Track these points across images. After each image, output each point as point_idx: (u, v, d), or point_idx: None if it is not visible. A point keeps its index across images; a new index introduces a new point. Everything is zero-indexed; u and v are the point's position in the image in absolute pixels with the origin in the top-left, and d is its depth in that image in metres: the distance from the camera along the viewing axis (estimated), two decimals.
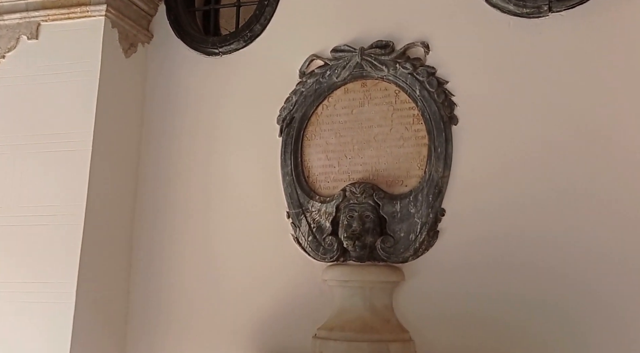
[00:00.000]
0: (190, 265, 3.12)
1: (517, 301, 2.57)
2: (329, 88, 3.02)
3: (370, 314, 2.65)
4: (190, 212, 3.18)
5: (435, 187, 2.74)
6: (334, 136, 2.99)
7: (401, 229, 2.74)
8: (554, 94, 2.68)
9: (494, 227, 2.66)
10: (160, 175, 3.28)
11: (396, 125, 2.89)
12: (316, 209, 2.91)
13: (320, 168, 2.99)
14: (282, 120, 3.07)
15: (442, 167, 2.75)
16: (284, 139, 3.05)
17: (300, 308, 2.86)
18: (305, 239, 2.90)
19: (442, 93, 2.81)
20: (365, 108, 2.96)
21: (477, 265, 2.65)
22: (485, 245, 2.66)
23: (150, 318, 3.11)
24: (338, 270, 2.75)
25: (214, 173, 3.18)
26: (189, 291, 3.09)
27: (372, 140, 2.91)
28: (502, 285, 2.61)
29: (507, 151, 2.70)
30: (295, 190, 2.97)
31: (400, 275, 2.72)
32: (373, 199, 2.78)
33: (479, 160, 2.74)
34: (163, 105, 3.36)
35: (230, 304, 2.99)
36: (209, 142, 3.23)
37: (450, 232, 2.72)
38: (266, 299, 2.93)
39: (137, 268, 3.19)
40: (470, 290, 2.64)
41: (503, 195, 2.67)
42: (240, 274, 3.01)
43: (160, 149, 3.31)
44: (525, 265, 2.59)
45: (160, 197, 3.25)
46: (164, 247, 3.19)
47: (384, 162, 2.87)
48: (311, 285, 2.86)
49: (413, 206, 2.75)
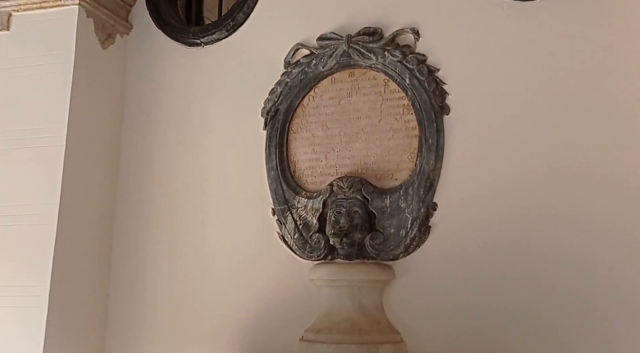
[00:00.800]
0: (174, 266, 2.99)
1: (514, 299, 2.44)
2: (315, 78, 2.90)
3: (359, 315, 2.53)
4: (173, 211, 3.06)
5: (427, 180, 2.60)
6: (320, 128, 2.86)
7: (391, 225, 2.61)
8: (551, 80, 2.54)
9: (488, 221, 2.52)
10: (141, 172, 3.16)
11: (385, 116, 2.76)
12: (302, 205, 2.78)
13: (306, 162, 2.86)
14: (267, 113, 2.94)
15: (433, 159, 2.61)
16: (269, 132, 2.92)
17: (286, 310, 2.73)
18: (291, 237, 2.77)
19: (433, 81, 2.67)
20: (353, 98, 2.83)
21: (471, 261, 2.52)
22: (480, 241, 2.52)
23: (131, 323, 2.99)
24: (325, 269, 2.62)
25: (196, 169, 3.07)
26: (172, 293, 2.97)
27: (360, 132, 2.78)
28: (498, 283, 2.47)
29: (502, 141, 2.57)
30: (281, 185, 2.84)
31: (391, 273, 2.59)
32: (361, 194, 2.65)
33: (472, 151, 2.60)
34: (143, 99, 3.24)
35: (214, 306, 2.87)
36: (191, 136, 3.11)
37: (443, 227, 2.58)
38: (251, 300, 2.80)
39: (118, 271, 3.07)
40: (464, 288, 2.50)
41: (498, 188, 2.53)
42: (224, 274, 2.89)
43: (141, 144, 3.19)
44: (522, 260, 2.45)
45: (141, 195, 3.13)
46: (146, 247, 3.06)
47: (373, 155, 2.74)
48: (298, 285, 2.74)
49: (403, 200, 2.62)
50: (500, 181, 2.54)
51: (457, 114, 2.64)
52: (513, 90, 2.58)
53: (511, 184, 2.52)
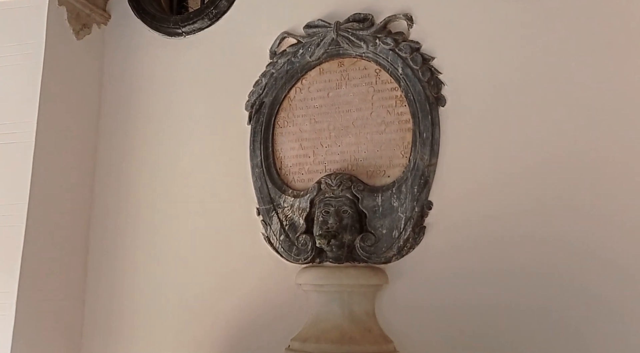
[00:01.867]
0: (153, 270, 2.82)
1: (514, 305, 2.25)
2: (302, 69, 2.71)
3: (349, 323, 2.34)
4: (152, 211, 2.89)
5: (421, 177, 2.41)
6: (308, 122, 2.68)
7: (383, 225, 2.43)
8: (555, 67, 2.34)
9: (488, 220, 2.33)
10: (119, 170, 2.99)
11: (377, 108, 2.57)
12: (289, 205, 2.59)
13: (293, 158, 2.68)
14: (251, 106, 2.76)
15: (428, 154, 2.43)
16: (253, 126, 2.75)
17: (272, 316, 2.55)
18: (276, 238, 2.59)
19: (428, 71, 2.49)
20: (342, 90, 2.65)
21: (470, 263, 2.33)
22: (479, 241, 2.33)
23: (109, 331, 2.82)
24: (313, 272, 2.44)
25: (177, 167, 2.90)
26: (151, 299, 2.79)
27: (350, 126, 2.60)
28: (497, 287, 2.28)
29: (502, 134, 2.37)
30: (266, 183, 2.66)
31: (383, 277, 2.41)
32: (351, 192, 2.47)
33: (470, 145, 2.41)
34: (122, 92, 3.07)
35: (195, 312, 2.69)
36: (172, 132, 2.94)
37: (439, 227, 2.39)
38: (234, 306, 2.62)
39: (94, 276, 2.90)
40: (462, 292, 2.31)
41: (497, 185, 2.34)
42: (206, 278, 2.71)
43: (119, 141, 3.02)
44: (525, 261, 2.26)
45: (119, 194, 2.96)
46: (124, 250, 2.89)
47: (364, 150, 2.56)
48: (284, 289, 2.56)
49: (396, 199, 2.43)
50: (500, 177, 2.35)
51: (454, 105, 2.45)
52: (513, 80, 2.39)
53: (512, 180, 2.33)
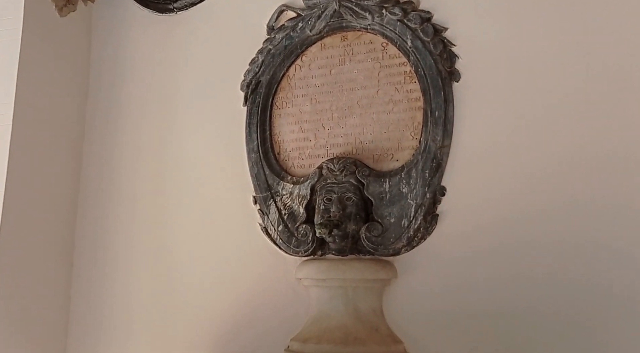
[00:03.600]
0: (143, 264, 2.62)
1: (540, 302, 2.01)
2: (302, 44, 2.49)
3: (354, 321, 2.13)
4: (142, 201, 2.69)
5: (433, 160, 2.18)
6: (309, 103, 2.45)
7: (391, 214, 2.20)
8: (580, 39, 2.09)
9: (508, 209, 2.09)
10: (107, 157, 2.79)
11: (384, 85, 2.34)
12: (288, 192, 2.38)
13: (293, 142, 2.46)
14: (247, 86, 2.54)
15: (440, 135, 2.19)
16: (249, 108, 2.53)
17: (270, 314, 2.34)
18: (275, 229, 2.37)
19: (440, 43, 2.25)
20: (346, 67, 2.42)
21: (487, 257, 2.09)
22: (498, 233, 2.09)
23: (96, 329, 2.62)
24: (314, 266, 2.22)
25: (168, 152, 2.69)
26: (142, 295, 2.59)
27: (355, 105, 2.37)
28: (520, 283, 2.04)
29: (522, 112, 2.13)
30: (263, 169, 2.44)
31: (391, 271, 2.19)
32: (356, 177, 2.24)
33: (487, 125, 2.17)
34: (110, 73, 2.86)
35: (188, 309, 2.48)
36: (163, 115, 2.73)
37: (453, 215, 2.16)
38: (229, 303, 2.41)
39: (81, 270, 2.70)
40: (479, 288, 2.08)
41: (518, 169, 2.10)
42: (199, 273, 2.50)
43: (107, 125, 2.82)
44: (548, 256, 2.02)
45: (107, 183, 2.76)
46: (113, 243, 2.69)
47: (370, 132, 2.33)
48: (282, 285, 2.34)
49: (406, 185, 2.20)
50: (521, 161, 2.10)
51: (469, 80, 2.21)
52: (535, 52, 2.14)
53: (535, 165, 2.08)
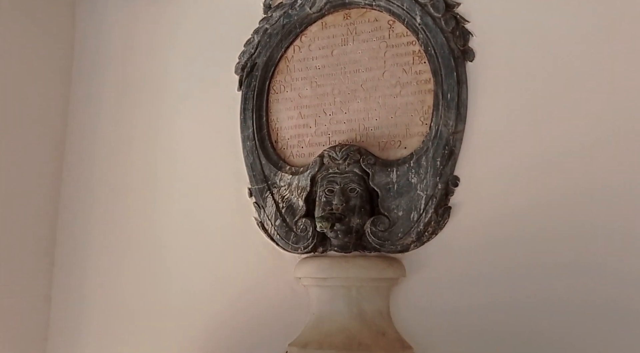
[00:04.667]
0: (130, 262, 2.45)
1: (561, 301, 1.81)
2: (301, 23, 2.30)
3: (358, 324, 1.94)
4: (130, 194, 2.51)
5: (445, 147, 1.99)
6: (309, 86, 2.26)
7: (399, 206, 2.00)
8: (603, 12, 1.89)
9: (526, 200, 1.90)
10: (91, 146, 2.62)
11: (391, 67, 2.15)
12: (286, 183, 2.18)
13: (291, 129, 2.27)
14: (242, 69, 2.36)
15: (453, 120, 2.00)
16: (244, 92, 2.34)
17: (266, 317, 2.15)
18: (272, 224, 2.18)
19: (452, 19, 2.05)
20: (349, 47, 2.22)
21: (504, 252, 1.90)
22: (515, 225, 1.90)
23: (78, 332, 2.45)
24: (314, 264, 2.03)
25: (157, 141, 2.52)
26: (128, 295, 2.42)
27: (359, 89, 2.18)
28: (540, 279, 1.84)
29: (542, 94, 1.93)
30: (259, 159, 2.25)
31: (399, 269, 1.99)
32: (360, 167, 2.05)
33: (504, 107, 1.97)
34: (96, 56, 2.69)
35: (177, 311, 2.30)
36: (152, 101, 2.56)
37: (467, 207, 1.97)
38: (222, 304, 2.22)
39: (62, 268, 2.53)
40: (495, 288, 1.89)
41: (538, 157, 1.90)
42: (190, 271, 2.32)
43: (92, 111, 2.65)
44: (572, 249, 1.82)
45: (92, 175, 2.59)
46: (98, 239, 2.52)
47: (375, 118, 2.14)
48: (280, 284, 2.16)
49: (415, 174, 2.01)
50: (542, 147, 1.90)
51: (484, 60, 2.02)
52: (558, 27, 1.94)
53: (557, 151, 1.88)
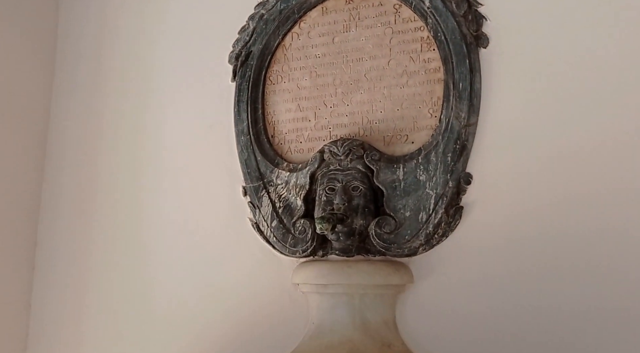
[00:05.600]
0: (116, 266, 2.27)
1: (584, 310, 1.65)
2: (299, 8, 2.14)
3: (361, 335, 1.77)
4: (115, 192, 2.35)
5: (457, 141, 1.82)
6: (308, 76, 2.10)
7: (406, 206, 1.84)
8: None
9: (545, 197, 1.73)
10: (75, 142, 2.45)
11: (397, 55, 1.98)
12: (283, 181, 2.02)
13: (289, 123, 2.11)
14: (236, 58, 2.20)
15: (465, 112, 1.83)
16: (239, 83, 2.18)
17: (262, 327, 1.98)
18: (267, 225, 2.01)
19: (464, 1, 1.89)
20: (351, 34, 2.06)
21: (521, 256, 1.73)
22: (533, 227, 1.73)
23: (59, 341, 2.28)
24: (313, 269, 1.86)
25: (145, 136, 2.35)
26: (113, 303, 2.24)
27: (362, 79, 2.02)
28: (560, 286, 1.68)
29: (562, 83, 1.76)
30: (254, 155, 2.09)
31: (406, 274, 1.83)
32: (363, 163, 1.88)
33: (520, 98, 1.81)
34: (81, 44, 2.52)
35: (165, 320, 2.13)
36: (140, 93, 2.39)
37: (481, 207, 1.80)
38: (214, 313, 2.05)
39: (43, 273, 2.36)
40: (512, 296, 1.73)
41: (557, 149, 1.74)
42: (180, 277, 2.15)
43: (77, 105, 2.47)
44: (595, 254, 1.66)
45: (75, 172, 2.42)
46: (82, 242, 2.34)
47: (380, 110, 1.97)
48: (277, 291, 1.99)
49: (423, 171, 1.84)
50: (563, 142, 1.74)
51: (499, 46, 1.85)
52: (583, 10, 1.77)
53: (580, 146, 1.72)
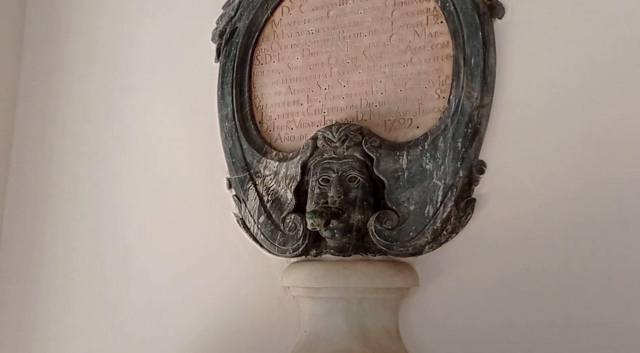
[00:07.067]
0: (88, 268, 2.09)
1: (610, 317, 1.45)
2: None
3: (359, 345, 1.57)
4: (88, 185, 2.16)
5: (468, 124, 1.60)
6: (300, 55, 1.89)
7: (410, 199, 1.63)
8: None
9: (568, 188, 1.52)
10: (44, 130, 2.27)
11: (399, 29, 1.77)
12: (272, 172, 1.81)
13: (279, 107, 1.90)
14: (220, 36, 1.99)
15: (478, 91, 1.61)
16: (223, 63, 1.97)
17: (248, 334, 1.78)
18: (254, 221, 1.81)
19: None
20: (348, 6, 1.85)
21: (540, 255, 1.53)
22: (554, 221, 1.52)
23: (20, 343, 2.11)
24: (306, 270, 1.65)
25: (121, 123, 2.17)
26: (82, 304, 2.06)
27: (360, 57, 1.81)
28: (584, 289, 1.48)
29: (588, 57, 1.55)
30: (239, 143, 1.88)
31: (411, 276, 1.62)
32: (362, 150, 1.67)
33: (540, 75, 1.59)
34: (51, 25, 2.34)
35: (143, 326, 1.94)
36: (115, 76, 2.20)
37: (495, 200, 1.59)
38: (195, 318, 1.85)
39: (8, 274, 2.19)
40: (529, 300, 1.52)
41: (583, 134, 1.53)
42: (158, 279, 1.95)
43: (47, 89, 2.29)
44: (624, 250, 1.46)
45: (44, 163, 2.23)
46: (50, 239, 2.16)
47: (381, 91, 1.76)
48: (265, 295, 1.79)
49: (430, 159, 1.62)
50: (588, 125, 1.53)
51: (516, 16, 1.64)
52: None
53: (607, 130, 1.51)
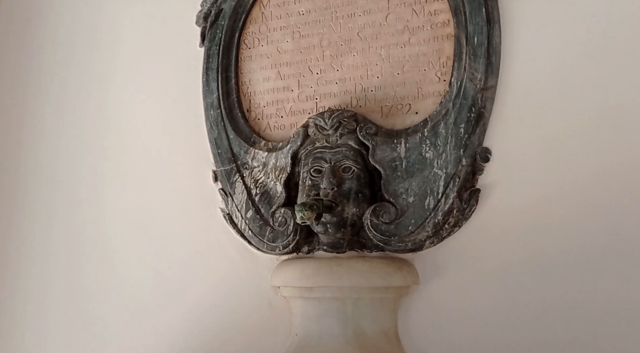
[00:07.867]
0: (67, 267, 1.97)
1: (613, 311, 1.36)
2: None
3: (355, 349, 1.47)
4: (65, 179, 2.03)
5: (471, 109, 1.49)
6: (290, 38, 1.77)
7: (409, 190, 1.51)
8: None
9: (579, 177, 1.42)
10: (18, 121, 2.14)
11: (396, 7, 1.66)
12: (260, 163, 1.69)
13: (268, 94, 1.78)
14: (204, 18, 1.88)
15: (482, 72, 1.50)
16: (208, 47, 1.85)
17: (235, 337, 1.67)
18: (242, 216, 1.69)
19: None
20: None
21: (549, 249, 1.42)
22: (564, 214, 1.42)
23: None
24: (297, 268, 1.54)
25: (100, 112, 2.04)
26: (60, 305, 1.94)
27: (355, 38, 1.69)
28: (595, 283, 1.38)
29: (605, 36, 1.44)
30: (226, 132, 1.77)
31: (410, 274, 1.51)
32: (357, 139, 1.56)
33: (550, 55, 1.48)
34: (28, 10, 2.21)
35: (123, 327, 1.83)
36: (93, 62, 2.08)
37: (501, 190, 1.48)
38: (179, 319, 1.74)
39: None
40: (539, 298, 1.42)
41: (596, 119, 1.43)
42: (140, 278, 1.84)
43: (20, 78, 2.18)
44: (632, 246, 1.36)
45: (19, 157, 2.11)
46: (28, 240, 2.04)
47: (377, 75, 1.65)
48: (253, 295, 1.68)
49: (430, 147, 1.51)
50: (601, 109, 1.42)
51: None
52: None
53: (622, 114, 1.41)
